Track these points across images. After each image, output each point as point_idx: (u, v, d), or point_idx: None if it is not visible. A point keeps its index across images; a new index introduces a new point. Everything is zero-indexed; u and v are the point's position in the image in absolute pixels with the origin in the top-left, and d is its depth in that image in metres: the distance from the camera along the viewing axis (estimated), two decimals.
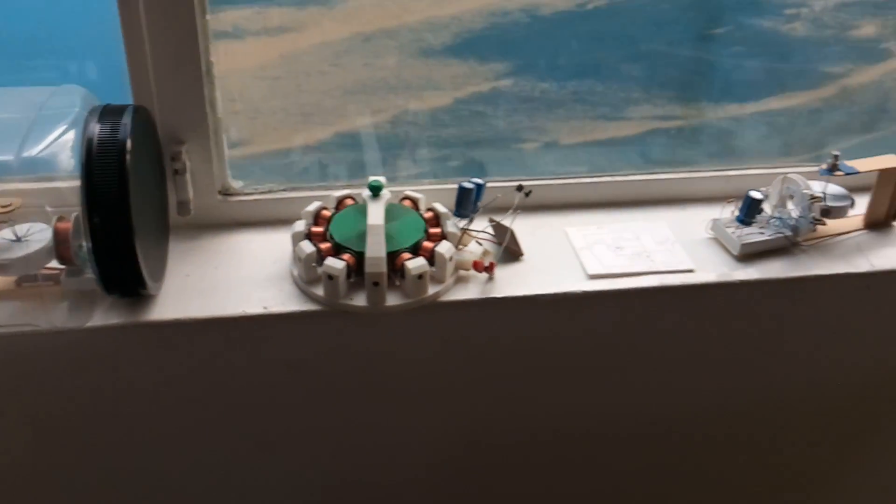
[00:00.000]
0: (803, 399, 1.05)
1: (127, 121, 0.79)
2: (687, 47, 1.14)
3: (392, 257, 0.88)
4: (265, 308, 0.86)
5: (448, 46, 1.07)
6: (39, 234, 0.83)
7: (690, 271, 0.94)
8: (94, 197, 0.75)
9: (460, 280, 0.92)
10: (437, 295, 0.89)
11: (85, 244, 0.78)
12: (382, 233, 0.85)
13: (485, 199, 0.97)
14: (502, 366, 0.98)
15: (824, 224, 0.96)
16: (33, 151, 1.22)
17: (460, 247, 0.95)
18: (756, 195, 0.96)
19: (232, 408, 0.95)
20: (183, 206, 0.96)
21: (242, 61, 1.00)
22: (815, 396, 1.05)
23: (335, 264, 0.85)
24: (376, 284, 0.84)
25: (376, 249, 0.84)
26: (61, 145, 1.24)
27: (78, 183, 0.76)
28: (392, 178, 1.05)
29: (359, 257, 0.86)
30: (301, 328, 0.88)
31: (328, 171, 1.09)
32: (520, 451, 1.07)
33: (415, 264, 0.86)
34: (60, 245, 0.82)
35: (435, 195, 1.01)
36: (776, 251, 0.96)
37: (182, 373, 0.90)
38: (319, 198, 0.98)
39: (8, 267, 0.80)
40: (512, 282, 0.91)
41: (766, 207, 1.00)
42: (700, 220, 1.02)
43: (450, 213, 0.96)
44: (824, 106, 1.21)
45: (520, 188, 0.97)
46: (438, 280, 0.90)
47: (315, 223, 0.94)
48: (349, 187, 1.01)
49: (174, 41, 0.87)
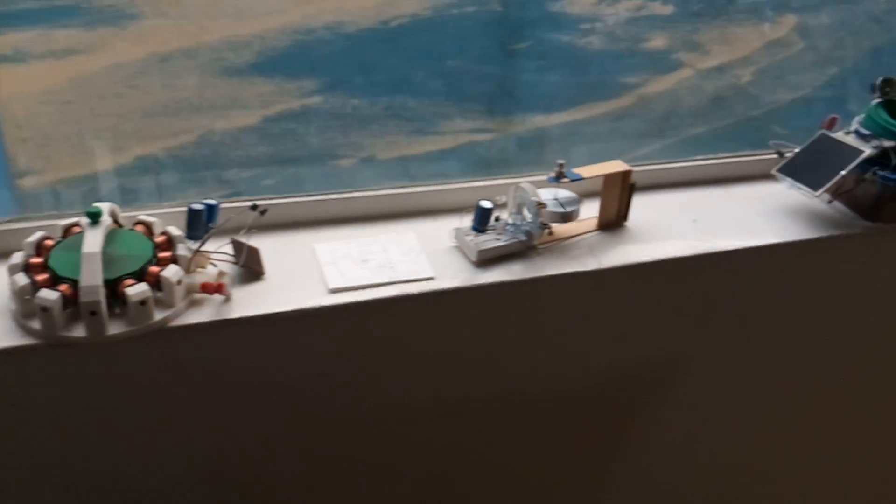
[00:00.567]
0: (546, 390, 1.10)
1: None
2: (492, 62, 1.20)
3: (114, 284, 0.86)
4: None
5: (252, 65, 1.08)
6: None
7: (431, 279, 0.97)
8: None
9: (196, 304, 0.91)
10: (167, 320, 0.87)
11: None
12: (98, 260, 0.83)
13: (220, 220, 0.96)
14: (247, 387, 0.97)
15: (550, 228, 1.03)
16: None
17: (197, 269, 0.93)
18: (485, 204, 1.02)
19: None
20: None
21: (27, 86, 0.97)
22: (559, 388, 1.11)
23: (48, 295, 0.82)
24: (94, 314, 0.82)
25: (91, 278, 0.82)
26: None
27: None
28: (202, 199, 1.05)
29: (76, 287, 0.83)
30: (19, 364, 0.84)
31: (129, 196, 1.07)
32: (269, 467, 1.08)
33: (135, 290, 0.85)
34: None
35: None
36: (514, 255, 1.02)
37: None
38: (47, 227, 0.94)
39: None
40: (249, 301, 0.91)
41: (505, 215, 1.05)
42: (449, 231, 1.05)
43: (183, 236, 0.94)
44: (625, 114, 1.29)
45: (254, 207, 0.98)
46: (167, 305, 0.88)
47: (36, 254, 0.90)
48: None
49: None
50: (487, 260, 1.01)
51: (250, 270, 0.97)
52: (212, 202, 0.95)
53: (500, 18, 1.17)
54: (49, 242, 0.91)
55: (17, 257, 0.89)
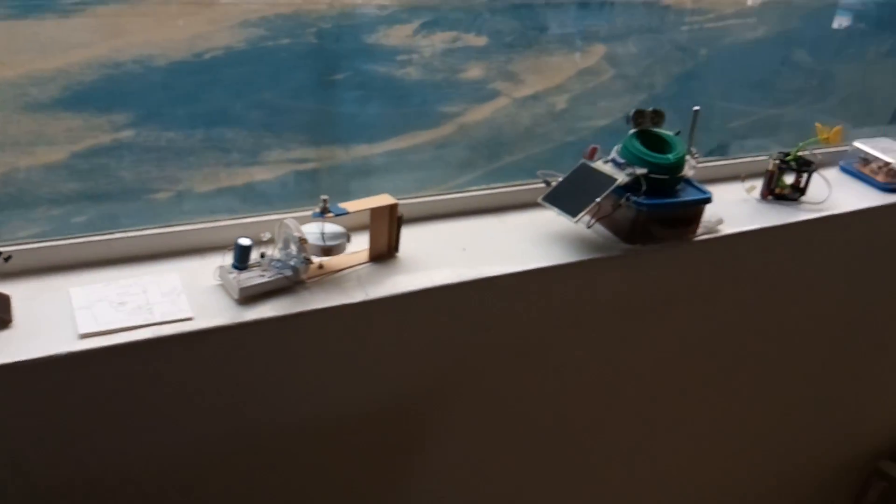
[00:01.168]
0: (317, 425, 1.11)
1: None
2: (311, 93, 1.23)
3: None
4: None
5: (58, 100, 1.07)
6: None
7: (189, 319, 0.97)
8: None
9: None
10: None
11: None
12: None
13: None
14: (9, 438, 0.94)
15: (312, 262, 1.05)
16: None
17: None
18: (243, 242, 1.02)
19: None
20: None
21: None
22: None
23: None
24: None
25: None
26: None
27: None
28: (6, 240, 1.03)
29: None
30: None
31: None
32: None
33: None
34: None
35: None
36: (281, 291, 1.04)
37: None
38: None
39: None
40: None
41: (272, 251, 1.07)
42: (214, 269, 1.06)
43: None
44: (447, 142, 1.36)
45: None
46: None
47: None
48: None
49: None
50: (251, 297, 1.02)
51: None
52: None
53: (316, 50, 1.21)
54: None
55: None
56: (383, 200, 1.08)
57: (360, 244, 1.12)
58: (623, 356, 1.28)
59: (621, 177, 1.10)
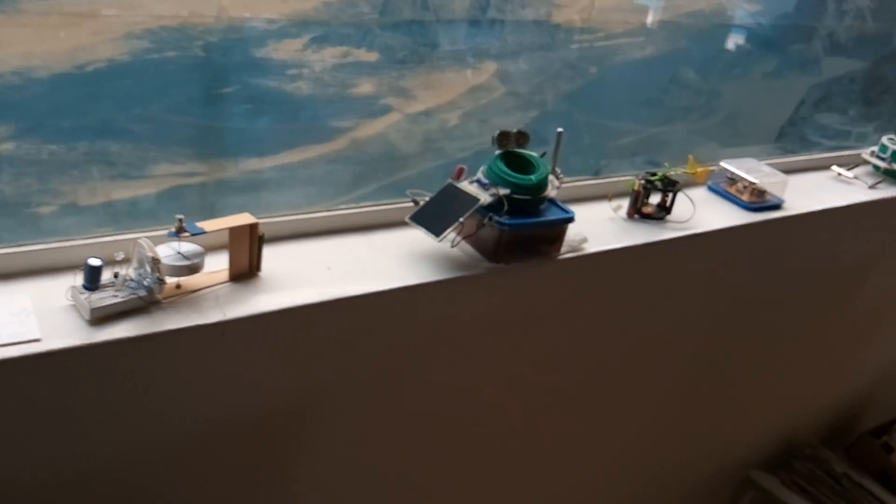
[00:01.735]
0: (178, 445, 1.10)
1: None
2: (198, 106, 1.25)
3: None
4: None
5: None
6: None
7: (37, 341, 0.95)
8: None
9: None
10: None
11: None
12: None
13: None
14: None
15: (165, 283, 1.05)
16: None
17: None
18: (93, 262, 1.01)
19: None
20: None
21: None
22: (189, 441, 1.11)
23: None
24: None
25: None
26: None
27: None
28: None
29: None
30: None
31: None
32: None
33: None
34: None
35: None
36: (136, 311, 1.03)
37: None
38: None
39: None
40: None
41: (130, 270, 1.06)
42: (67, 289, 1.04)
43: None
44: (339, 157, 1.39)
45: None
46: None
47: None
48: None
49: None
50: (104, 317, 1.01)
51: None
52: None
53: (204, 64, 1.22)
54: None
55: None
56: (242, 220, 1.09)
57: (223, 263, 1.12)
58: (492, 372, 1.32)
59: (485, 197, 1.14)
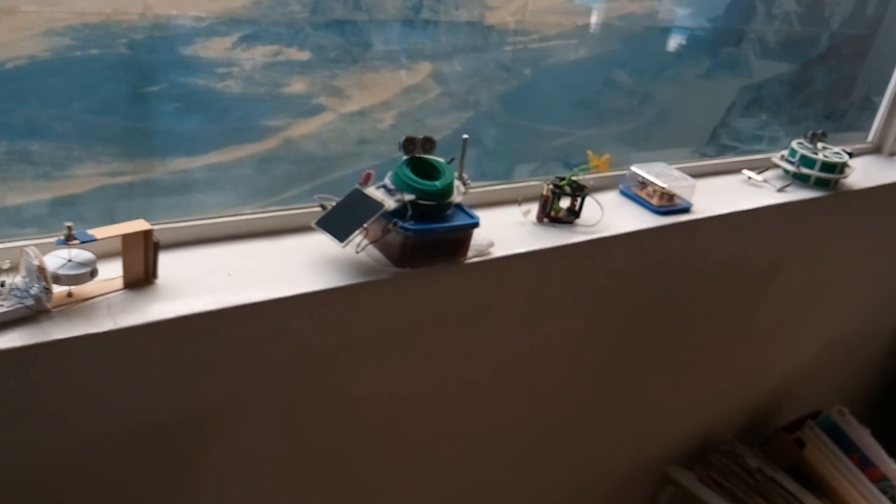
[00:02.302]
0: (72, 455, 1.07)
1: None
2: (124, 105, 1.23)
3: None
4: None
5: None
6: None
7: None
8: None
9: None
10: None
11: None
12: None
13: None
14: None
15: (52, 291, 1.01)
16: None
17: None
18: None
19: None
20: None
21: None
22: (84, 450, 1.08)
23: None
24: None
25: None
26: None
27: None
28: None
29: None
30: None
31: None
32: None
33: None
34: None
35: None
36: (22, 321, 1.00)
37: None
38: None
39: None
40: None
41: (17, 279, 1.04)
42: None
43: None
44: (272, 156, 1.38)
45: None
46: None
47: None
48: None
49: None
50: None
51: None
52: None
53: (129, 62, 1.20)
54: None
55: None
56: (135, 226, 1.07)
57: (118, 270, 1.10)
58: (400, 376, 1.32)
59: (390, 202, 1.15)
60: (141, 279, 1.11)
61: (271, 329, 1.14)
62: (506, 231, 1.37)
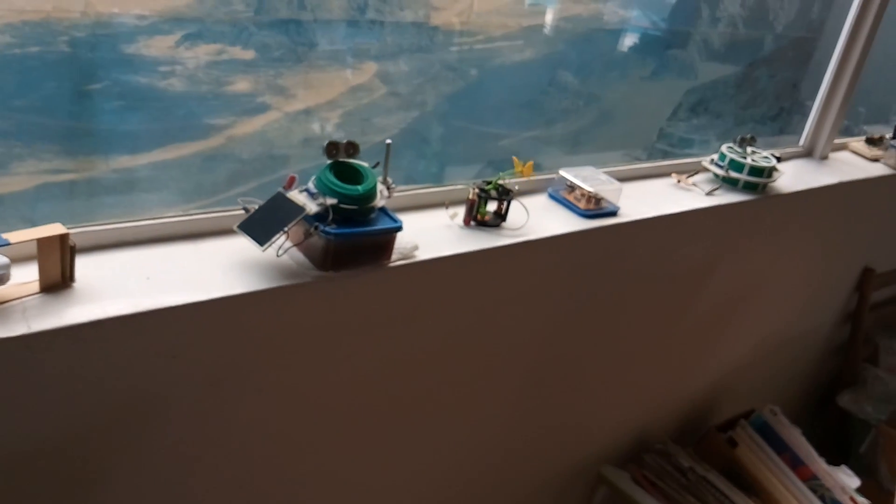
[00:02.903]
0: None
1: None
2: (66, 103, 1.23)
3: None
4: None
5: None
6: None
7: None
8: None
9: None
10: None
11: None
12: None
13: None
14: None
15: None
16: None
17: None
18: None
19: None
20: None
21: None
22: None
23: None
24: None
25: None
26: None
27: None
28: None
29: None
30: None
31: None
32: None
33: None
34: None
35: None
36: None
37: None
38: None
39: None
40: None
41: None
42: None
43: None
44: (216, 154, 1.39)
45: None
46: None
47: None
48: None
49: None
50: None
51: None
52: None
53: (70, 59, 1.21)
54: None
55: None
56: (51, 230, 1.06)
57: (35, 274, 1.09)
58: (330, 380, 1.32)
59: (312, 206, 1.16)
60: (58, 283, 1.10)
61: (189, 333, 1.13)
62: (432, 234, 1.38)
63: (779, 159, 1.90)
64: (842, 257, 2.46)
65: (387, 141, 1.28)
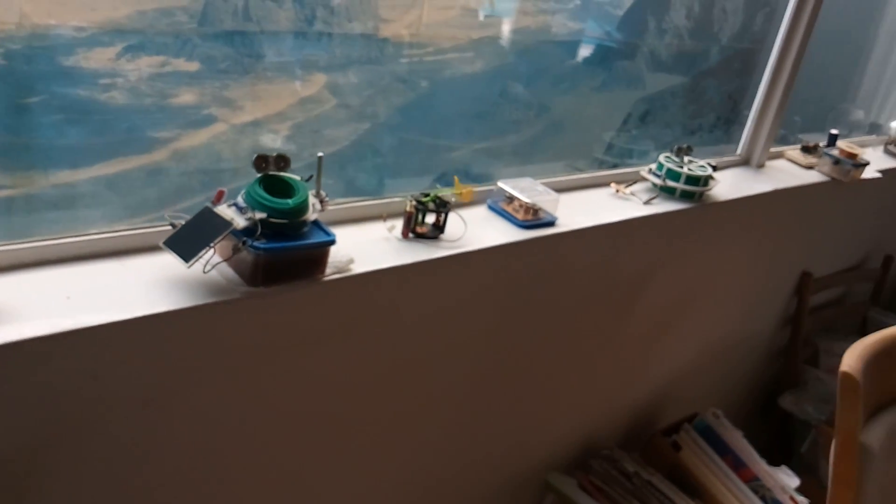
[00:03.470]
0: None
1: None
2: (1, 116, 1.18)
3: None
4: None
5: None
6: None
7: None
8: None
9: None
10: None
11: None
12: None
13: None
14: None
15: None
16: None
17: None
18: None
19: None
20: None
21: None
22: None
23: None
24: None
25: None
26: None
27: None
28: None
29: None
30: None
31: None
32: None
33: None
34: None
35: None
36: None
37: None
38: None
39: None
40: None
41: None
42: None
43: None
44: (162, 168, 1.35)
45: None
46: None
47: None
48: None
49: None
50: None
51: None
52: None
53: (5, 72, 1.16)
54: None
55: None
56: None
57: None
58: (261, 398, 1.29)
59: (240, 221, 1.13)
60: None
61: (111, 353, 1.09)
62: (369, 247, 1.36)
63: (715, 168, 1.92)
64: (780, 262, 2.50)
65: (318, 154, 1.25)
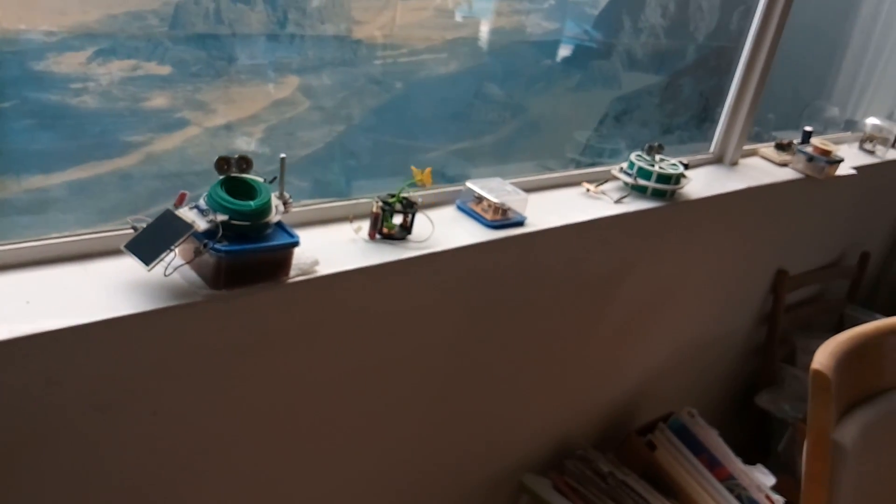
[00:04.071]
0: None
1: None
2: None
3: None
4: None
5: None
6: None
7: None
8: None
9: None
10: None
11: None
12: None
13: None
14: None
15: None
16: None
17: None
18: None
19: None
20: None
21: None
22: None
23: None
24: None
25: None
26: None
27: None
28: None
29: None
30: None
31: None
32: None
33: None
34: None
35: None
36: None
37: None
38: None
39: None
40: None
41: None
42: None
43: None
44: (135, 172, 1.34)
45: None
46: None
47: None
48: None
49: None
50: None
51: None
52: None
53: None
54: None
55: None
56: None
57: None
58: (225, 402, 1.28)
59: (201, 223, 1.12)
60: None
61: (71, 358, 1.08)
62: (335, 249, 1.35)
63: (686, 166, 1.92)
64: (755, 260, 2.50)
65: (281, 156, 1.25)
